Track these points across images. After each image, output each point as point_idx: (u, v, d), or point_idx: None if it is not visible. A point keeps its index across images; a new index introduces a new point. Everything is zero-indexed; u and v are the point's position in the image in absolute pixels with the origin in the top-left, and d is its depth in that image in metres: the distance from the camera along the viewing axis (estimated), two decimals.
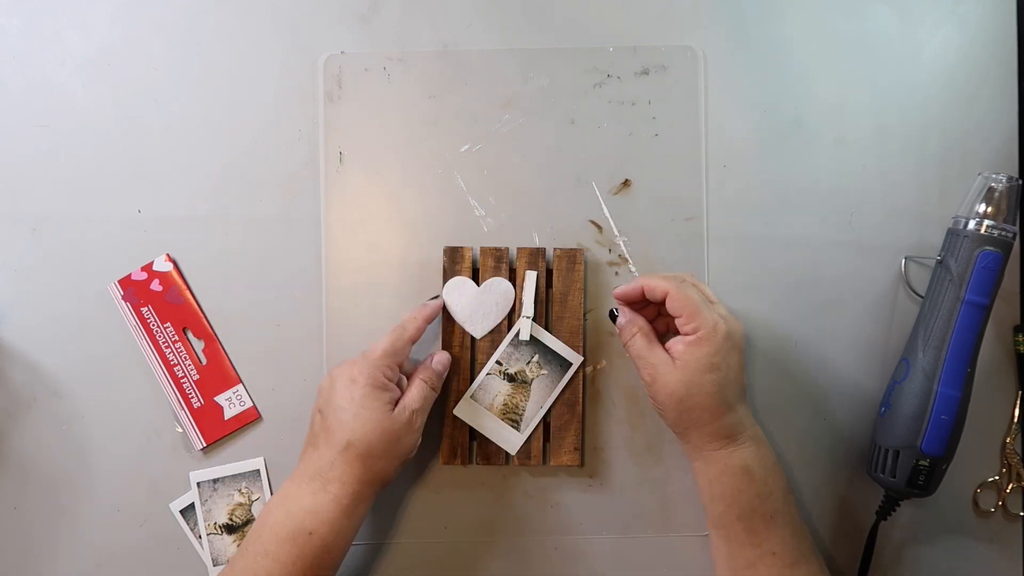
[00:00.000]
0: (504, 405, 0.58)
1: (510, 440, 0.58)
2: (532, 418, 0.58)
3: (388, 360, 0.55)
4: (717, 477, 0.53)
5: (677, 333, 0.54)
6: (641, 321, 0.55)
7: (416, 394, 0.55)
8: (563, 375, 0.58)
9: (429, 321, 0.57)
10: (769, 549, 0.52)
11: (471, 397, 0.58)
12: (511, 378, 0.58)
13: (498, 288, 0.58)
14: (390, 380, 0.54)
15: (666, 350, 0.54)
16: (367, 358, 0.54)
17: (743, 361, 0.54)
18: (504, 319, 0.59)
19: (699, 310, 0.52)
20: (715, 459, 0.53)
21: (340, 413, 0.53)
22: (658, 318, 0.57)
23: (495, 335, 0.59)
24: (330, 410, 0.53)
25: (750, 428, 0.54)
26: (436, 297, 0.59)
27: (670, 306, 0.53)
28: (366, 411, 0.53)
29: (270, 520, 0.52)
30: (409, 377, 0.56)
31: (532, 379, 0.58)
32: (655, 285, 0.54)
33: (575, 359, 0.59)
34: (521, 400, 0.58)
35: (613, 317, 0.57)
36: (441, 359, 0.57)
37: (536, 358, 0.58)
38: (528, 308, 0.58)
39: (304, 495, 0.52)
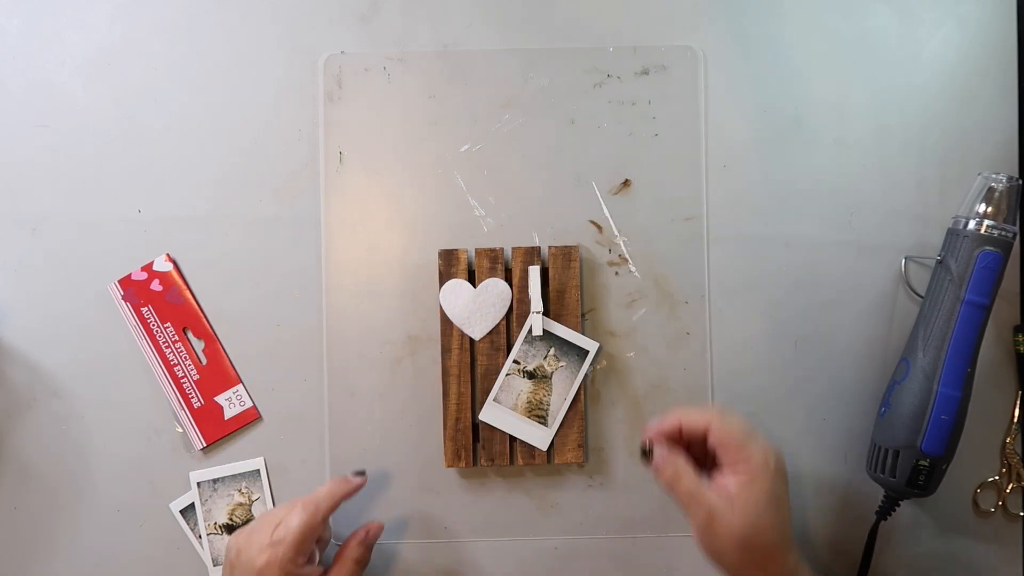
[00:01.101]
0: (528, 403, 0.58)
1: (539, 436, 0.59)
2: (558, 411, 0.59)
3: (302, 547, 0.52)
4: None
5: (710, 468, 0.51)
6: (682, 459, 0.50)
7: (350, 569, 0.54)
8: (581, 364, 0.59)
9: (346, 498, 0.55)
10: None
11: (494, 400, 0.58)
12: (531, 375, 0.59)
13: (494, 289, 0.58)
14: (306, 565, 0.52)
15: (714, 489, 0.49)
16: (277, 547, 0.51)
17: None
18: (502, 319, 0.59)
19: (747, 443, 0.49)
20: None
21: None
22: (688, 449, 0.52)
23: (494, 336, 0.59)
24: None
25: (806, 566, 0.50)
26: (361, 474, 0.56)
27: (714, 439, 0.49)
28: None
29: None
30: (337, 552, 0.55)
31: (552, 372, 0.59)
32: (694, 421, 0.50)
33: (591, 346, 0.59)
34: (544, 395, 0.58)
35: (645, 453, 0.51)
36: (375, 532, 0.56)
37: (552, 351, 0.59)
38: (536, 303, 0.58)
39: None
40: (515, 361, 0.59)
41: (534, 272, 0.58)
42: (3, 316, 0.60)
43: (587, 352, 0.59)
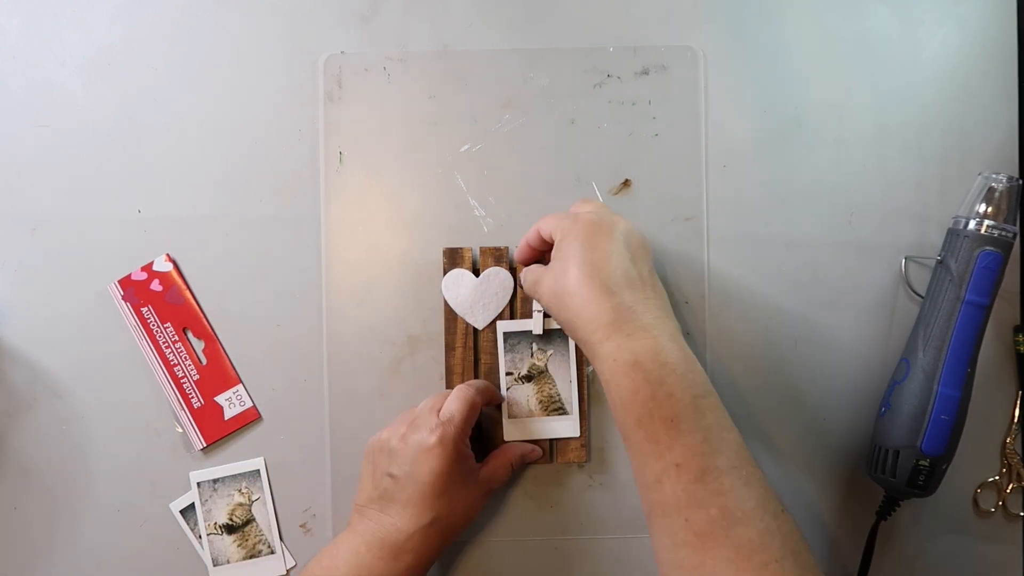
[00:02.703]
0: (540, 402, 0.59)
1: (567, 426, 0.59)
2: (571, 396, 0.59)
3: (468, 426, 0.53)
4: (610, 377, 0.47)
5: None
6: (534, 266, 0.55)
7: (501, 475, 0.56)
8: (567, 342, 0.59)
9: (493, 396, 0.58)
10: (673, 460, 0.45)
11: (509, 418, 0.59)
12: (528, 378, 0.59)
13: (496, 278, 0.59)
14: (468, 448, 0.54)
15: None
16: (448, 425, 0.52)
17: (634, 246, 0.51)
18: (505, 307, 0.59)
19: (561, 217, 0.52)
20: (604, 355, 0.47)
21: (425, 488, 0.51)
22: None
23: (490, 332, 0.59)
24: (410, 481, 0.52)
25: (647, 318, 0.48)
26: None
27: (544, 233, 0.53)
28: (453, 489, 0.52)
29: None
30: (499, 450, 0.58)
31: (545, 365, 0.59)
32: (530, 232, 0.55)
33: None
34: (551, 388, 0.59)
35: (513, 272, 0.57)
36: (535, 455, 0.59)
37: (535, 346, 0.59)
38: (537, 303, 0.58)
39: (374, 561, 0.51)
40: (508, 373, 0.59)
41: None
42: (3, 316, 0.60)
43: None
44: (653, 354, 0.46)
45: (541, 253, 0.56)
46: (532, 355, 0.59)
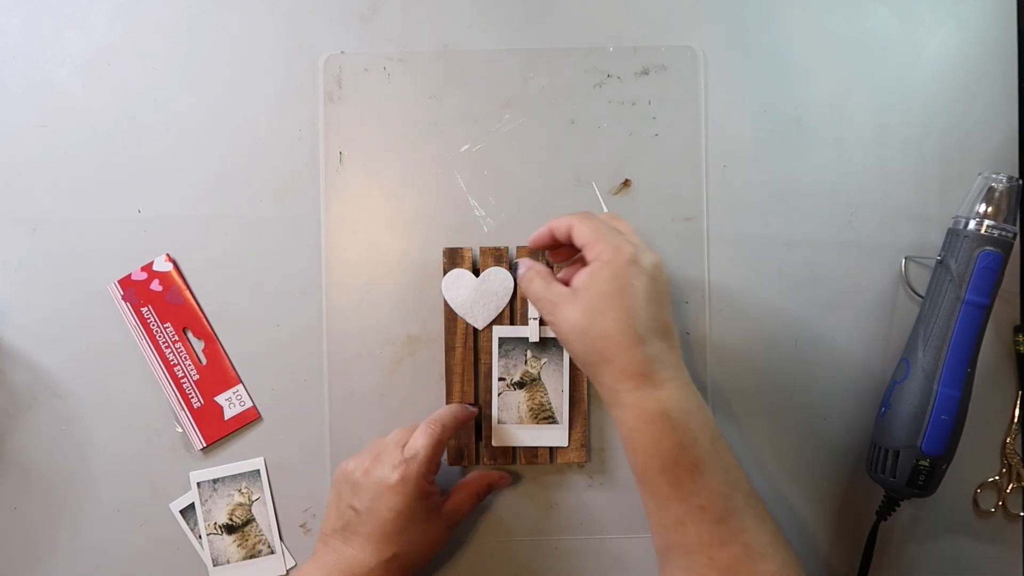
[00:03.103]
0: (531, 410, 0.58)
1: (555, 436, 0.59)
2: (561, 405, 0.58)
3: (432, 463, 0.53)
4: (635, 425, 0.48)
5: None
6: (539, 265, 0.52)
7: (466, 507, 0.56)
8: (562, 352, 0.58)
9: (463, 424, 0.57)
10: (697, 503, 0.47)
11: (498, 423, 0.58)
12: (520, 384, 0.58)
13: (496, 277, 0.58)
14: (432, 484, 0.54)
15: (568, 285, 0.50)
16: (411, 463, 0.52)
17: (661, 293, 0.49)
18: (505, 307, 0.59)
19: (602, 235, 0.49)
20: (630, 404, 0.48)
21: (386, 525, 0.51)
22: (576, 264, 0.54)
23: (490, 332, 0.59)
24: (371, 517, 0.52)
25: (671, 369, 0.48)
26: (475, 405, 0.58)
27: (576, 238, 0.50)
28: (414, 526, 0.52)
29: None
30: (463, 480, 0.57)
31: (538, 373, 0.58)
32: (560, 222, 0.51)
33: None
34: (542, 396, 0.58)
35: (511, 270, 0.53)
36: (504, 482, 0.58)
37: (529, 353, 0.58)
38: (534, 310, 0.58)
39: None
40: (501, 378, 0.58)
41: None
42: (3, 316, 0.60)
43: None
44: (677, 402, 0.47)
45: (559, 247, 0.53)
46: (526, 362, 0.59)
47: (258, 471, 0.60)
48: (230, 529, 0.60)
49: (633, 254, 0.48)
